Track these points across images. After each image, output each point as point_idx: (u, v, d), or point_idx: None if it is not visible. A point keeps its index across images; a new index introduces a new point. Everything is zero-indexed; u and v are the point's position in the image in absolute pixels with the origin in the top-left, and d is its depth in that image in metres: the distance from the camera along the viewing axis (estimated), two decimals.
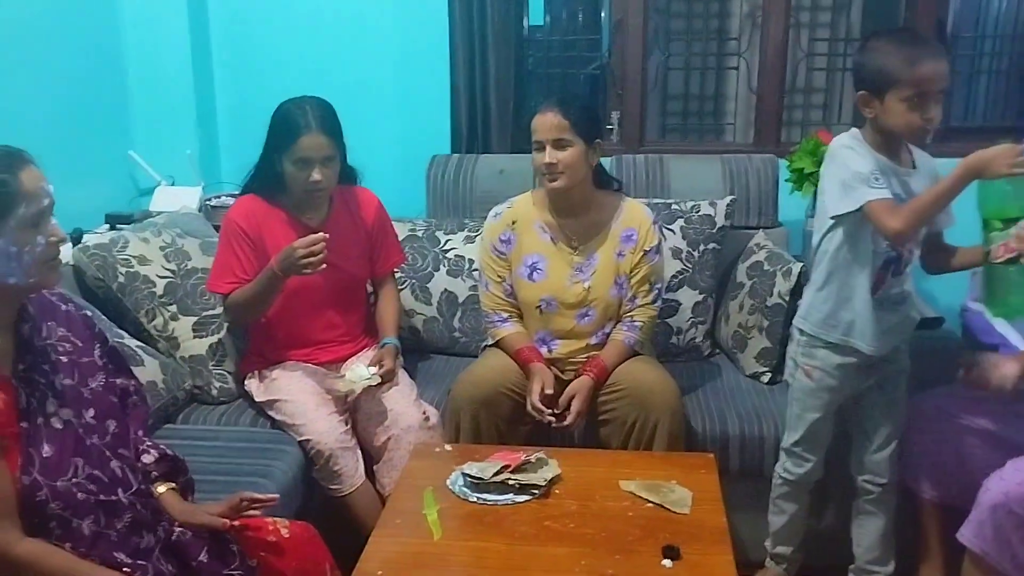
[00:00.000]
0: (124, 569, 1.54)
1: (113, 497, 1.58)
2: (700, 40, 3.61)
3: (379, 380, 2.42)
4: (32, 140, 2.70)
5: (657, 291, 2.54)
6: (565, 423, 2.36)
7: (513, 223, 2.54)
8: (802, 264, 2.68)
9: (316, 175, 2.42)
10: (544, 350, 2.54)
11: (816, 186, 3.10)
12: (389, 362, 2.48)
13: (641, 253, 2.50)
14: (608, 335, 2.54)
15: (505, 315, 2.56)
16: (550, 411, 2.36)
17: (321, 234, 2.31)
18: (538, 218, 2.54)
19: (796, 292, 2.65)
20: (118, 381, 1.75)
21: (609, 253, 2.51)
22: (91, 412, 1.62)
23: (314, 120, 2.40)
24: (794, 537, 2.37)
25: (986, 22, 3.76)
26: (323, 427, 2.40)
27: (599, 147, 2.47)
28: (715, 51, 3.65)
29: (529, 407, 2.36)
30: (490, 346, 2.63)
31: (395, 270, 2.82)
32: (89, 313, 1.80)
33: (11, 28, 2.71)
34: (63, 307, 1.70)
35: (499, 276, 2.56)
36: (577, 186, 2.44)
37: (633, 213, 2.53)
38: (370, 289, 2.79)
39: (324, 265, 2.31)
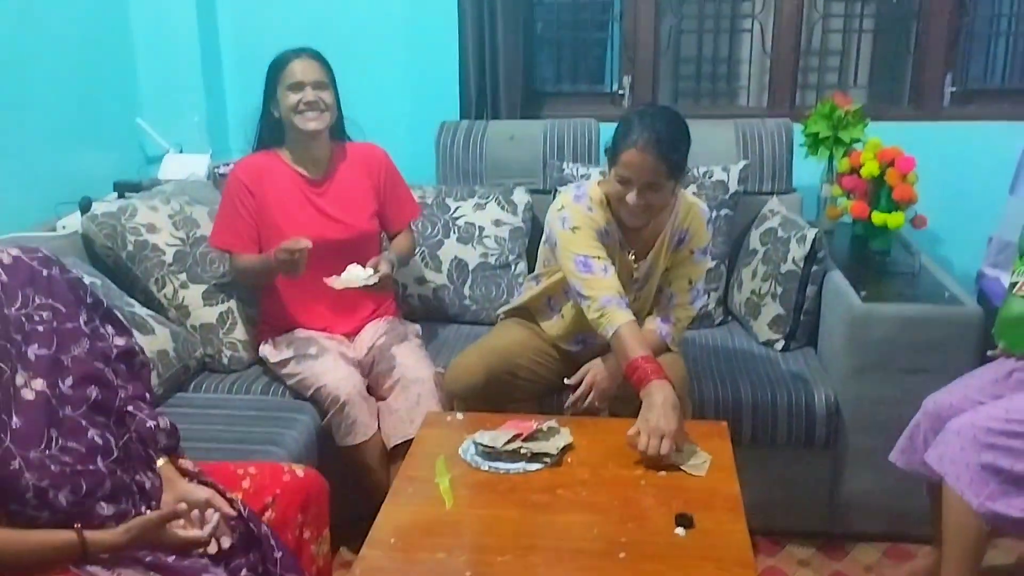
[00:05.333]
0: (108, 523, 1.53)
1: (91, 467, 1.56)
2: (713, 1, 3.55)
3: (376, 281, 2.41)
4: (40, 108, 2.75)
5: (697, 292, 2.36)
6: (583, 407, 2.26)
7: (606, 221, 2.25)
8: (816, 230, 2.65)
9: (309, 95, 2.47)
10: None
11: (831, 151, 3.07)
12: (385, 267, 2.45)
13: (688, 252, 2.32)
14: None
15: (623, 298, 2.17)
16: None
17: (304, 243, 2.32)
18: (607, 221, 2.26)
19: (811, 259, 2.62)
20: (120, 343, 1.72)
21: (662, 260, 2.33)
22: (69, 381, 1.59)
23: (304, 50, 2.52)
24: None
25: None
26: (342, 374, 2.43)
27: None
28: (729, 13, 3.59)
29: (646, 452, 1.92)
30: (510, 314, 2.53)
31: (411, 223, 2.81)
32: (79, 277, 1.75)
33: None
34: (44, 272, 1.65)
35: (609, 258, 2.21)
36: None
37: (688, 212, 2.30)
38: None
39: (302, 271, 2.35)
